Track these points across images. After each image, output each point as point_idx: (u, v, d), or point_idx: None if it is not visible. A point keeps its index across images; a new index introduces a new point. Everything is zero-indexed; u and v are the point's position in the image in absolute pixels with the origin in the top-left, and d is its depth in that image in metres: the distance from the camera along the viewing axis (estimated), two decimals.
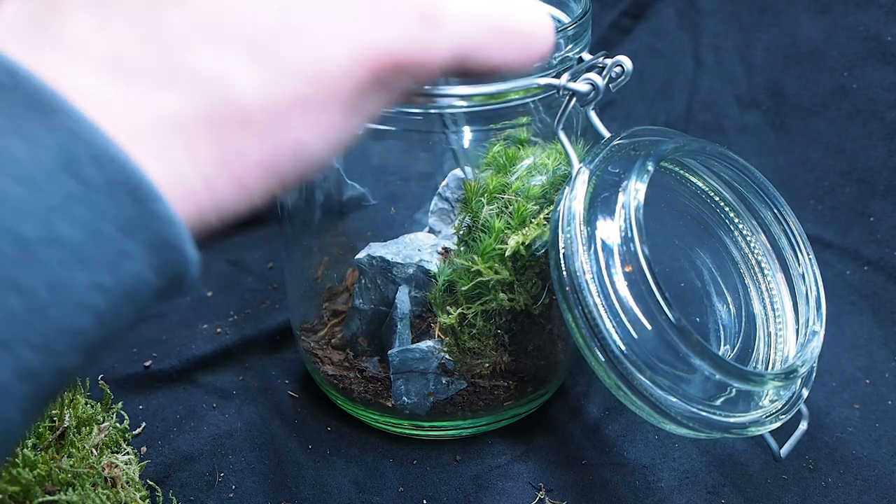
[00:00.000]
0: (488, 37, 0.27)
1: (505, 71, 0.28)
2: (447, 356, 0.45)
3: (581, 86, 0.39)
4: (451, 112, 0.42)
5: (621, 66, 0.41)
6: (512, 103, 0.42)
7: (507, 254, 0.42)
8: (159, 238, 0.21)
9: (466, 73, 0.28)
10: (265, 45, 0.23)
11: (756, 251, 0.45)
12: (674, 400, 0.36)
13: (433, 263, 0.44)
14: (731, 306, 0.45)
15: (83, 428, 0.45)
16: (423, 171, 0.46)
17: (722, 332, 0.45)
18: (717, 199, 0.45)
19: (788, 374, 0.39)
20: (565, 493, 0.46)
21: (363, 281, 0.47)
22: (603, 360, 0.37)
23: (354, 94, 0.24)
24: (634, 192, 0.37)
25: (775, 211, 0.44)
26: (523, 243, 0.41)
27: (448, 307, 0.44)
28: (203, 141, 0.22)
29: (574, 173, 0.39)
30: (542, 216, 0.42)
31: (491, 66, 0.28)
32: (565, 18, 0.46)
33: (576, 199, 0.38)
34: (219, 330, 0.57)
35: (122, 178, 0.20)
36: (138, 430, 0.50)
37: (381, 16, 0.24)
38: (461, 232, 0.44)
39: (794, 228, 0.44)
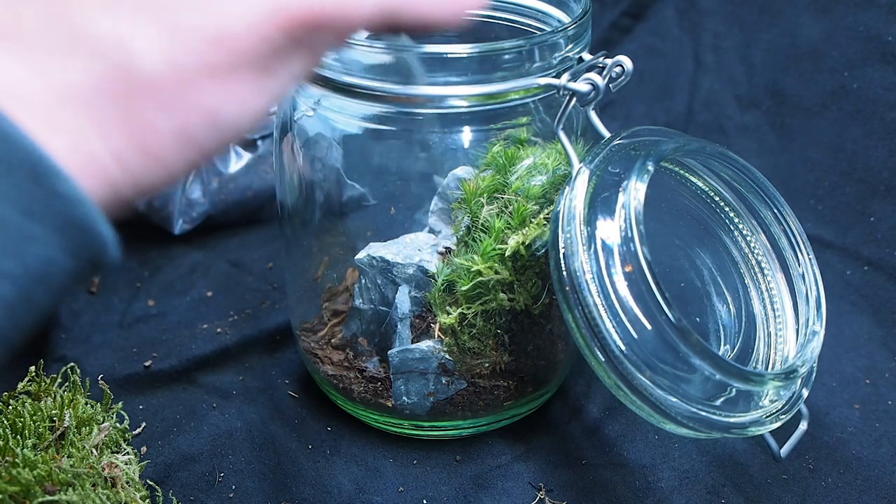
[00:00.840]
0: None
1: (437, 27, 0.27)
2: (447, 356, 0.45)
3: (581, 86, 0.39)
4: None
5: (621, 66, 0.41)
6: (512, 103, 0.42)
7: (507, 254, 0.42)
8: (67, 219, 0.20)
9: (396, 28, 0.26)
10: (166, 7, 0.22)
11: (756, 251, 0.45)
12: (674, 400, 0.36)
13: (433, 263, 0.44)
14: (731, 306, 0.45)
15: (83, 428, 0.45)
16: (423, 171, 0.46)
17: (722, 332, 0.45)
18: (717, 199, 0.45)
19: (788, 374, 0.39)
20: (565, 493, 0.46)
21: (363, 281, 0.47)
22: (603, 360, 0.37)
23: (268, 56, 0.23)
24: (634, 191, 0.37)
25: (775, 211, 0.44)
26: (523, 243, 0.41)
27: (448, 307, 0.44)
28: (108, 113, 0.21)
29: (574, 173, 0.39)
30: (542, 216, 0.42)
31: (421, 21, 0.26)
32: (565, 18, 0.46)
33: (576, 198, 0.38)
34: (219, 330, 0.57)
35: (19, 157, 0.19)
36: (138, 430, 0.50)
37: None
38: (460, 232, 0.44)
39: (794, 228, 0.44)
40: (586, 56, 0.43)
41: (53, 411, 0.45)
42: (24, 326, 0.20)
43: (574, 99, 0.40)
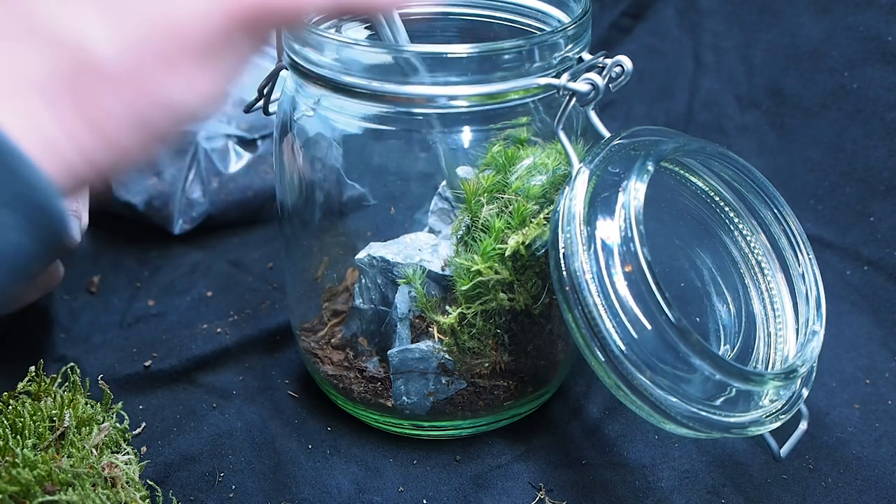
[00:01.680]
0: None
1: (381, 11, 0.28)
2: (447, 356, 0.45)
3: (581, 86, 0.39)
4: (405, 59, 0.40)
5: (621, 66, 0.41)
6: (512, 103, 0.42)
7: (507, 254, 0.42)
8: (33, 204, 0.20)
9: (345, 13, 0.27)
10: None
11: (756, 251, 0.45)
12: (674, 400, 0.36)
13: (434, 263, 0.44)
14: (731, 306, 0.45)
15: (83, 428, 0.45)
16: (423, 171, 0.46)
17: (722, 332, 0.45)
18: (717, 199, 0.45)
19: (788, 374, 0.39)
20: (565, 493, 0.46)
21: (363, 281, 0.47)
22: (603, 360, 0.37)
23: (216, 43, 0.24)
24: (634, 191, 0.37)
25: (775, 211, 0.44)
26: (523, 243, 0.41)
27: (447, 307, 0.44)
28: (64, 99, 0.22)
29: (574, 173, 0.39)
30: (542, 216, 0.42)
31: (368, 6, 0.28)
32: (565, 18, 0.46)
33: (576, 198, 0.38)
34: (219, 330, 0.57)
35: None
36: (138, 430, 0.50)
37: None
38: (460, 232, 0.44)
39: (794, 228, 0.44)
40: (586, 56, 0.43)
41: (53, 411, 0.45)
42: None
43: (574, 99, 0.40)
